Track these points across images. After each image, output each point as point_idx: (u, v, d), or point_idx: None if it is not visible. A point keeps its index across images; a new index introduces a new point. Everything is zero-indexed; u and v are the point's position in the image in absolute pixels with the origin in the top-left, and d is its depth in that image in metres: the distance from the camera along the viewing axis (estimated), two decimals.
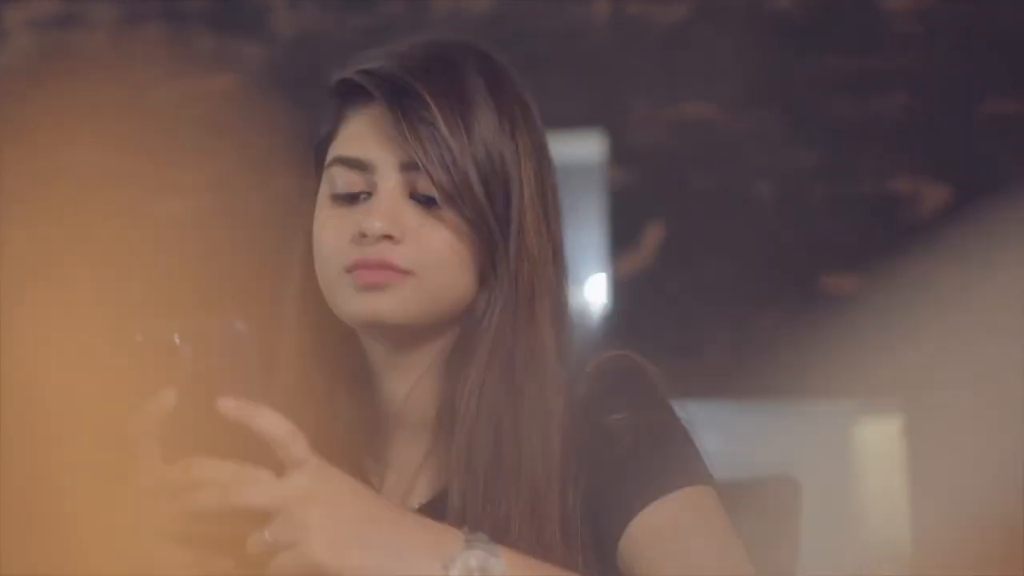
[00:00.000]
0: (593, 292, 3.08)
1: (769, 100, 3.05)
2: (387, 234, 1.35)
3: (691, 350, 3.01)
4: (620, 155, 3.10)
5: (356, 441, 1.42)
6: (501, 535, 1.31)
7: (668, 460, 1.33)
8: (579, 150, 3.13)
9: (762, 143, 3.03)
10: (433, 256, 1.36)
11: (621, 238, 3.08)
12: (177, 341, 1.12)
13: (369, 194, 1.37)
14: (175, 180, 3.36)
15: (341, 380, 1.42)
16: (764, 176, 3.03)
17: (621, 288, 3.07)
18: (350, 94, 1.40)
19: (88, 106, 3.42)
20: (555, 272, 1.40)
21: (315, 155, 1.44)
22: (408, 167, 1.36)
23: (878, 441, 2.81)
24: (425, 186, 1.36)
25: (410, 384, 1.40)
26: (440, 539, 1.16)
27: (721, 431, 2.97)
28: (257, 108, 3.30)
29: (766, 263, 3.01)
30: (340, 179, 1.38)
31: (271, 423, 1.11)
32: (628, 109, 3.10)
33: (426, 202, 1.36)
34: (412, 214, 1.36)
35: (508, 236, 1.37)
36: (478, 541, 1.16)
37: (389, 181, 1.37)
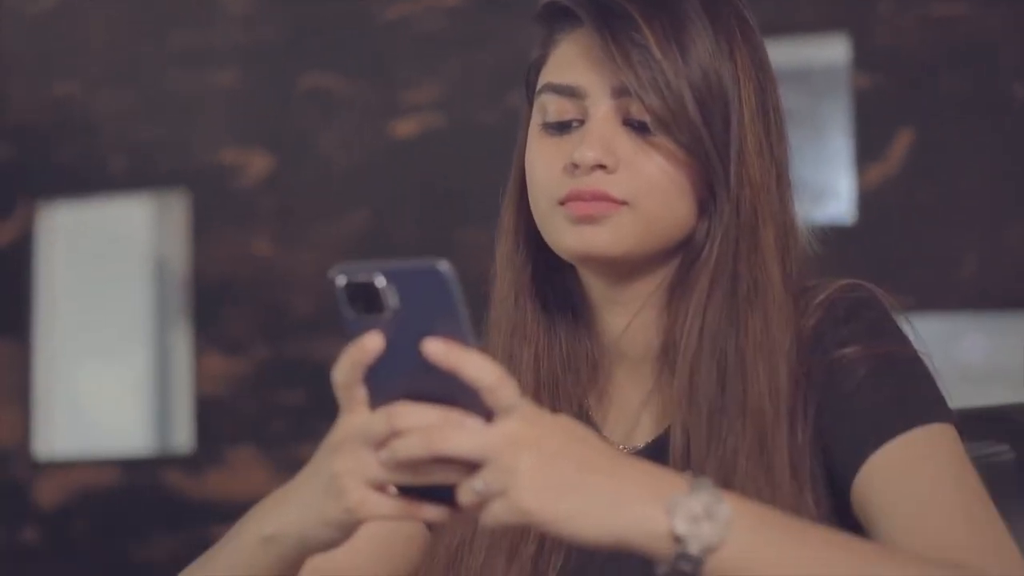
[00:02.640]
0: (839, 203, 2.98)
1: None
2: (600, 163, 1.30)
3: (944, 261, 2.90)
4: (866, 58, 2.98)
5: (576, 379, 1.38)
6: (727, 473, 1.27)
7: (904, 397, 1.26)
8: (823, 54, 3.04)
9: (1016, 41, 2.88)
10: (649, 185, 1.30)
11: (868, 146, 2.97)
12: (380, 284, 1.08)
13: (581, 122, 1.33)
14: (407, 99, 3.34)
15: (558, 316, 1.38)
16: (1019, 76, 2.88)
17: (868, 198, 2.96)
18: (559, 18, 1.35)
19: (319, 28, 3.42)
20: (780, 196, 1.34)
21: (526, 82, 1.39)
22: (620, 92, 1.31)
23: None
24: (638, 112, 1.30)
25: (629, 318, 1.36)
26: (662, 484, 1.09)
27: (976, 343, 2.87)
28: (488, 24, 3.26)
29: (1022, 167, 2.88)
30: (551, 107, 1.34)
31: (479, 367, 1.06)
32: (873, 10, 2.98)
33: (640, 128, 1.31)
34: (626, 141, 1.31)
35: (728, 161, 1.31)
36: (703, 486, 1.09)
37: (601, 108, 1.32)
